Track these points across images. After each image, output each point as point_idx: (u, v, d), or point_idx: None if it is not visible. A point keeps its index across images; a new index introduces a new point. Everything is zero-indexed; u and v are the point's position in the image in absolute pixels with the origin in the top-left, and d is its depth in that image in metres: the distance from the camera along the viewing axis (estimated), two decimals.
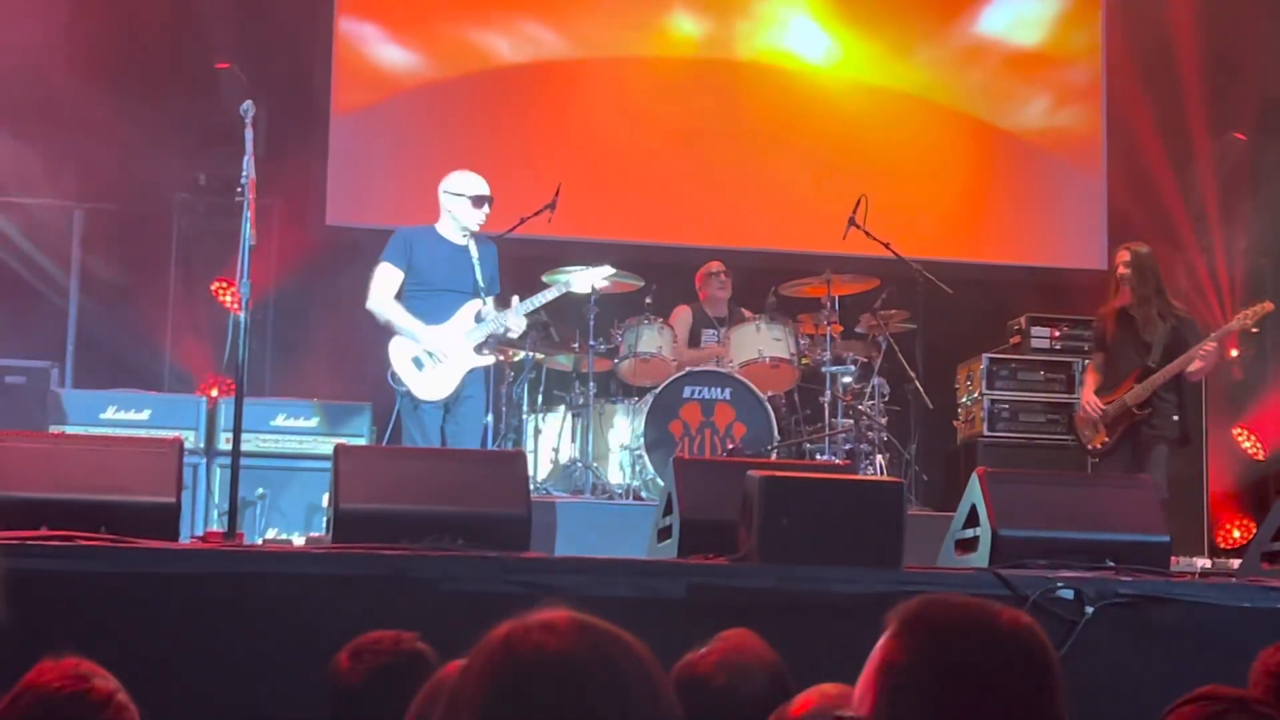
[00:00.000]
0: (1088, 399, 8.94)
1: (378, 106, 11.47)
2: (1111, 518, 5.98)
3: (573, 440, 9.55)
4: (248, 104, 6.84)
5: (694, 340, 10.31)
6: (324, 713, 3.48)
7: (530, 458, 9.12)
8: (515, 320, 8.22)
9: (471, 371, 8.17)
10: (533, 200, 9.53)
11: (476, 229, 8.26)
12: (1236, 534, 10.96)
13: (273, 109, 10.20)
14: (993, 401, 10.51)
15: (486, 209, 8.25)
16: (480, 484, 5.73)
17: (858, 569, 5.24)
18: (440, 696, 1.83)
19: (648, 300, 9.90)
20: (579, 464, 9.35)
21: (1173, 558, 6.28)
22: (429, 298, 8.15)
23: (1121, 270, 8.96)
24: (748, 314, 10.18)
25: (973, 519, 5.91)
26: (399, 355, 8.10)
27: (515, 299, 8.26)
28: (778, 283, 10.17)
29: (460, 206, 8.22)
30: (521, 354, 9.67)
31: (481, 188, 8.26)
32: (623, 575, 5.24)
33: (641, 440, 9.28)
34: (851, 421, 9.78)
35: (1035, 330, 10.85)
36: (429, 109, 11.49)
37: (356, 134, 11.40)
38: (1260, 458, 11.29)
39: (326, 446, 8.55)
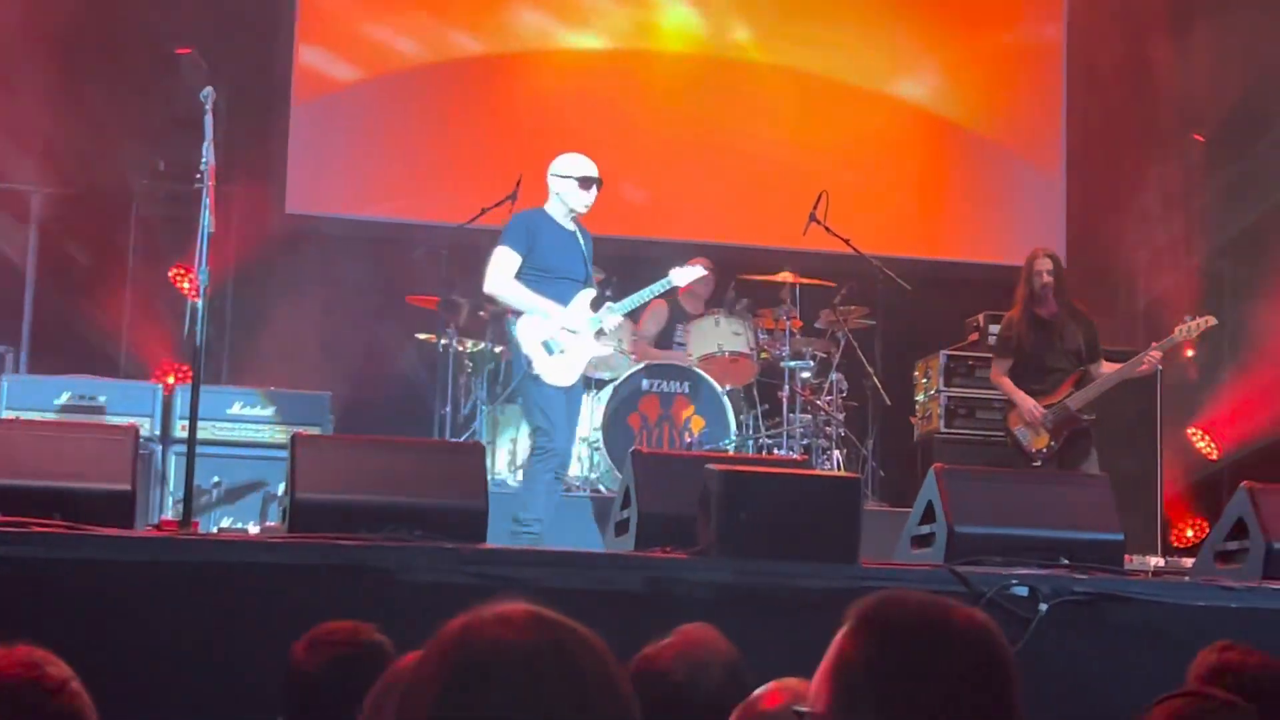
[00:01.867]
0: (1030, 402, 8.94)
1: (339, 95, 11.42)
2: (1066, 515, 6.01)
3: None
4: (208, 90, 6.79)
5: (667, 335, 10.28)
6: (280, 702, 3.47)
7: (489, 449, 9.11)
8: (612, 320, 8.16)
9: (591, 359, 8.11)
10: (494, 191, 9.51)
11: (585, 211, 8.05)
12: (1190, 533, 11.03)
13: (233, 96, 10.15)
14: (950, 398, 10.54)
15: (595, 190, 8.03)
16: (438, 475, 5.72)
17: (815, 564, 5.26)
18: (397, 687, 1.83)
19: (608, 293, 9.89)
20: None
21: (1127, 556, 6.32)
22: (545, 284, 7.94)
23: (1046, 279, 9.00)
24: (709, 309, 10.19)
25: (929, 515, 5.93)
26: (529, 338, 7.87)
27: (608, 300, 8.21)
28: (738, 277, 10.18)
29: (568, 188, 8.02)
30: (481, 345, 9.66)
31: (589, 169, 8.06)
32: (580, 568, 5.25)
33: (599, 433, 9.28)
34: (810, 417, 9.80)
35: (993, 328, 10.85)
36: (390, 98, 11.45)
37: (317, 122, 11.35)
38: (1214, 458, 11.37)
39: (283, 435, 8.51)
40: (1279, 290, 10.80)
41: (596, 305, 8.13)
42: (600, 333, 8.11)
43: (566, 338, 7.88)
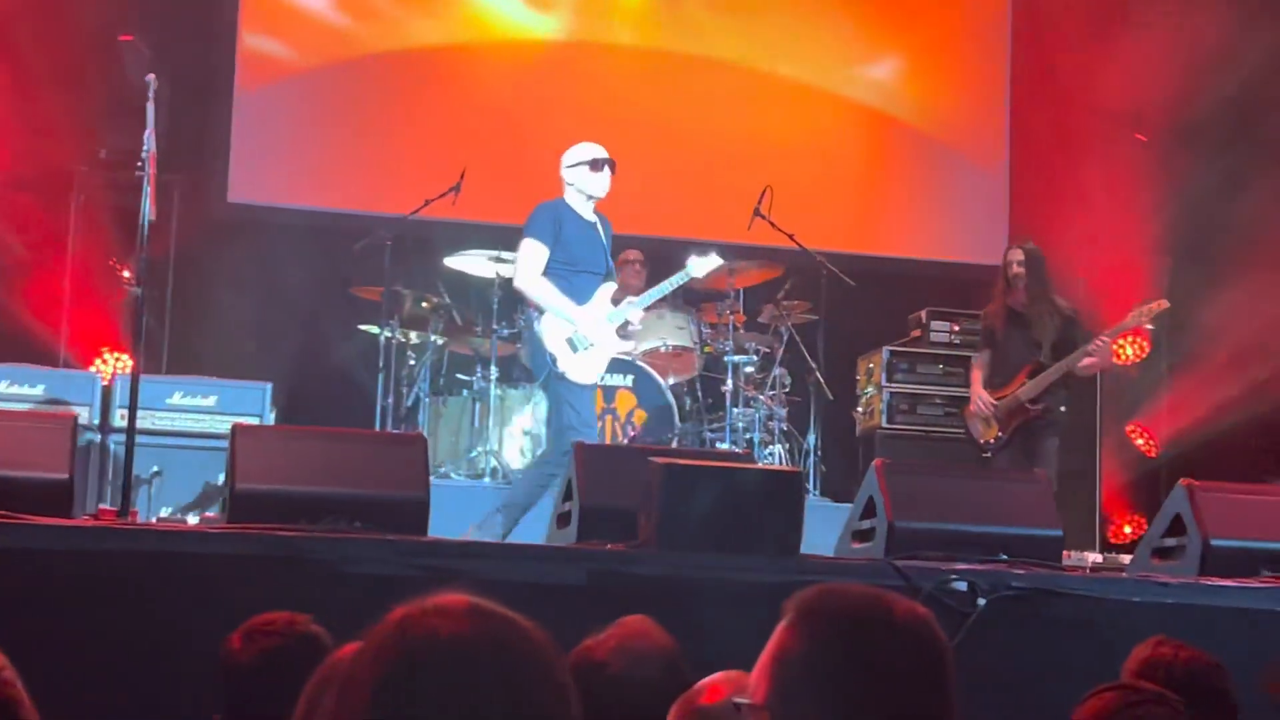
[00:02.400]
0: (979, 394, 9.03)
1: (283, 83, 11.36)
2: (1006, 511, 6.05)
3: (474, 424, 9.51)
4: (150, 77, 6.74)
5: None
6: (217, 694, 3.46)
7: (430, 441, 9.08)
8: (635, 312, 8.14)
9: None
10: (439, 182, 9.48)
11: (602, 194, 7.99)
12: (1128, 530, 11.12)
13: (176, 83, 10.06)
14: (892, 394, 10.59)
15: (608, 171, 7.98)
16: (380, 466, 5.70)
17: (756, 557, 5.27)
18: (334, 679, 1.82)
19: None
20: (479, 448, 9.33)
21: (1065, 552, 6.36)
22: (570, 278, 7.93)
23: (1015, 269, 9.07)
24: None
25: (870, 510, 5.96)
26: (553, 336, 7.87)
27: (629, 296, 8.18)
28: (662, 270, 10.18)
29: (580, 175, 7.99)
30: (423, 337, 9.64)
31: (597, 150, 8.01)
32: (522, 560, 5.25)
33: (543, 426, 9.26)
34: (753, 411, 9.83)
35: (935, 324, 10.94)
36: (335, 87, 11.40)
37: (261, 111, 11.28)
38: (1153, 455, 11.46)
39: (223, 425, 8.46)
40: (1218, 289, 10.89)
41: (616, 300, 8.14)
42: (623, 327, 8.11)
43: (591, 335, 7.89)
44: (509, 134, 11.35)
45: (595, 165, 7.97)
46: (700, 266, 8.46)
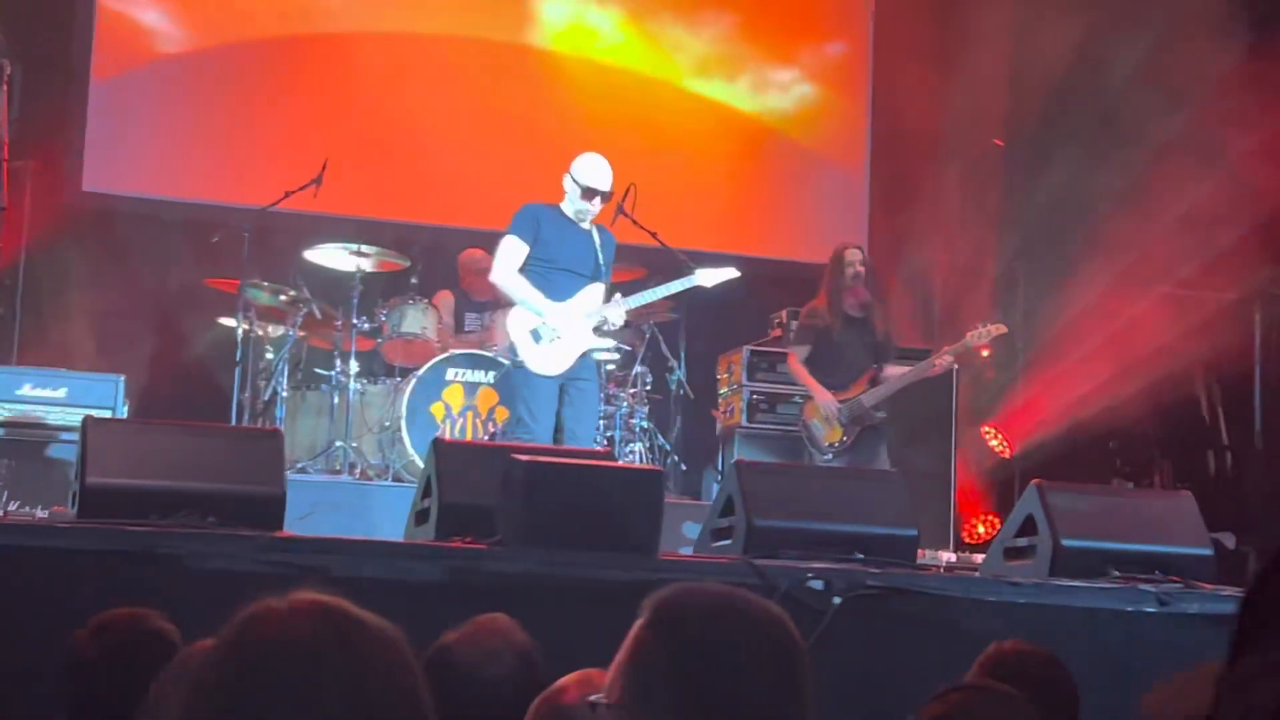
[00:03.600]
0: (828, 396, 9.07)
1: (140, 71, 11.16)
2: (863, 511, 6.11)
3: (332, 419, 9.43)
4: (2, 62, 6.61)
5: (458, 326, 10.25)
6: (62, 690, 3.40)
7: (288, 436, 8.98)
8: (615, 312, 8.11)
9: (588, 354, 8.04)
10: (299, 174, 9.38)
11: (583, 221, 8.10)
12: (982, 529, 11.27)
13: (30, 69, 9.87)
14: (752, 393, 10.65)
15: (597, 202, 8.10)
16: (235, 461, 5.63)
17: (615, 555, 5.28)
18: (182, 677, 1.80)
19: (413, 280, 9.84)
20: (337, 443, 9.24)
21: (920, 551, 6.44)
22: (550, 275, 8.01)
23: (860, 269, 9.16)
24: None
25: (729, 509, 5.99)
26: (517, 326, 7.95)
27: (618, 295, 8.18)
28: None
29: (573, 194, 8.12)
30: (281, 330, 9.53)
31: (598, 180, 8.10)
32: (379, 557, 5.20)
33: (402, 421, 9.21)
34: (613, 409, 9.83)
35: (795, 324, 11.02)
36: (193, 77, 11.22)
37: (117, 99, 11.08)
38: (1007, 455, 11.63)
39: (75, 418, 8.30)
40: (1071, 292, 11.08)
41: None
42: (600, 327, 8.07)
43: (560, 327, 7.90)
44: (372, 126, 11.26)
45: (587, 194, 8.10)
46: (709, 277, 8.47)
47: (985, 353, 11.12)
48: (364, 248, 9.48)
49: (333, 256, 9.69)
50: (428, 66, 11.60)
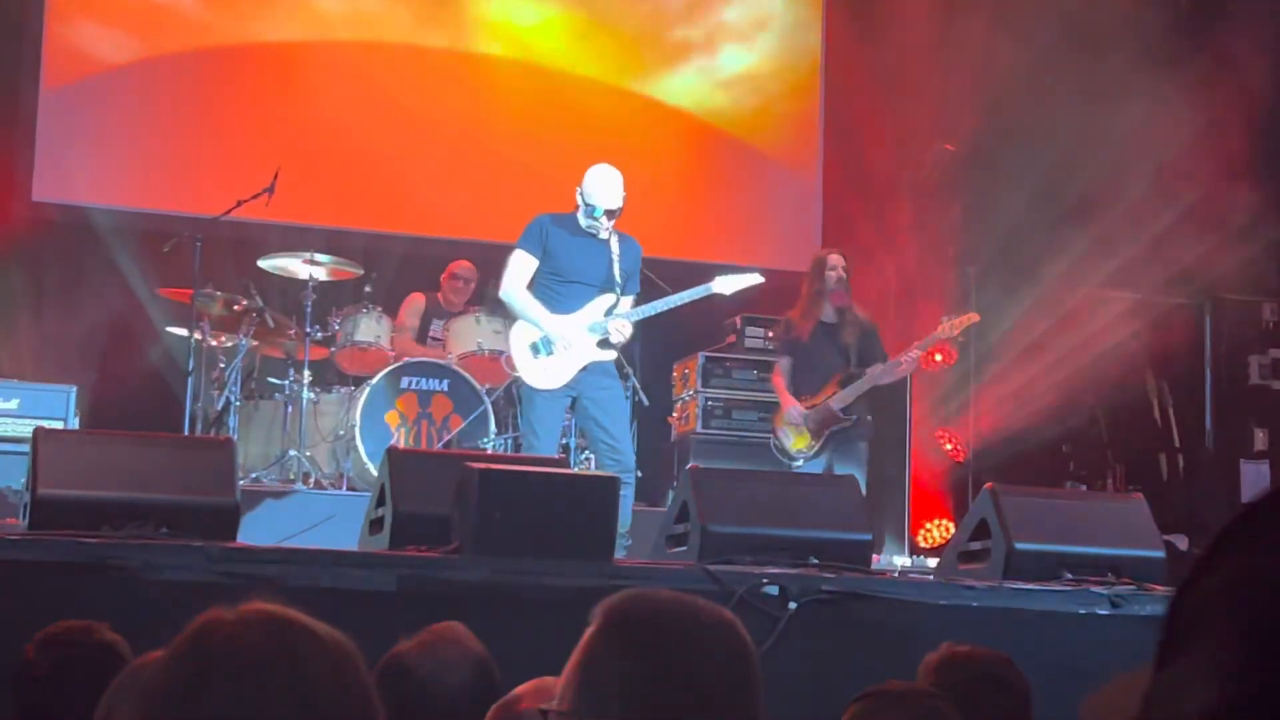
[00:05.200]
0: (793, 403, 9.08)
1: (90, 80, 11.09)
2: (816, 516, 6.12)
3: (285, 428, 9.39)
4: None
5: (423, 331, 10.22)
6: (11, 703, 3.37)
7: (241, 446, 8.94)
8: (617, 324, 7.95)
9: (594, 364, 7.88)
10: (251, 182, 9.35)
11: (587, 229, 7.93)
12: (936, 534, 11.31)
13: None
14: (707, 399, 10.66)
15: (604, 220, 7.90)
16: (187, 471, 5.61)
17: (569, 562, 5.28)
18: (132, 689, 1.79)
19: (367, 289, 9.81)
20: (291, 453, 9.21)
21: (874, 556, 6.47)
22: (556, 287, 7.89)
23: (840, 273, 9.16)
24: (469, 307, 10.17)
25: (684, 515, 5.99)
26: (517, 341, 7.89)
27: (627, 303, 8.04)
28: (498, 275, 10.14)
29: (582, 207, 7.96)
30: (234, 340, 9.49)
31: (606, 198, 7.93)
32: (333, 566, 5.19)
33: (356, 430, 9.18)
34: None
35: (750, 330, 11.04)
36: (144, 86, 11.15)
37: (68, 107, 11.01)
38: (960, 459, 11.67)
39: (26, 429, 8.24)
40: (1022, 296, 11.14)
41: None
42: (605, 341, 7.94)
43: (558, 341, 7.81)
44: (324, 135, 11.22)
45: (589, 211, 7.93)
46: (728, 284, 8.37)
47: (960, 337, 11.16)
48: (317, 256, 9.44)
49: (286, 265, 9.65)
50: (374, 75, 11.56)
